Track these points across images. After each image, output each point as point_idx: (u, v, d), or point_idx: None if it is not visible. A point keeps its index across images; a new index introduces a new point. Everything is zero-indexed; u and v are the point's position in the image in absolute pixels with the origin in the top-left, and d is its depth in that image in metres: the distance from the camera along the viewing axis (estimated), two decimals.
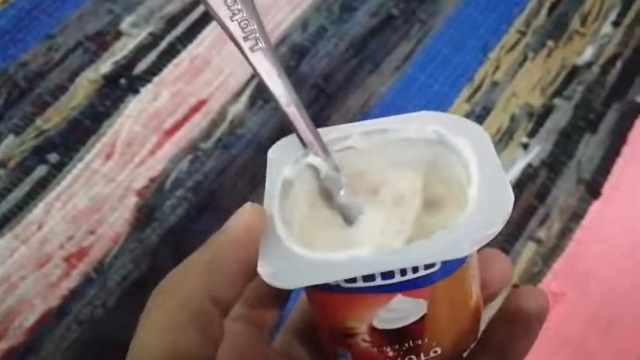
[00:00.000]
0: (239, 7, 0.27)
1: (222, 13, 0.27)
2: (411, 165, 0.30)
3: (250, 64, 0.27)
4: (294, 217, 0.28)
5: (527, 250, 0.52)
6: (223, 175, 0.53)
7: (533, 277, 0.50)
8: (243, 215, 0.26)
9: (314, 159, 0.28)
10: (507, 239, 0.52)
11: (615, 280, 0.51)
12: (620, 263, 0.51)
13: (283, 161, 0.28)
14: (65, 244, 0.50)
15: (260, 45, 0.27)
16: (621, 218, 0.53)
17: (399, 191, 0.30)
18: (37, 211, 0.51)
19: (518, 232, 0.52)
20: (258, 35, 0.27)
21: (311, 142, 0.28)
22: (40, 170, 0.53)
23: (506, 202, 0.25)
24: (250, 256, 0.25)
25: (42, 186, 0.52)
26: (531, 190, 0.54)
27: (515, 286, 0.51)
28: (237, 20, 0.27)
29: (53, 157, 0.53)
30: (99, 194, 0.52)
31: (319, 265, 0.25)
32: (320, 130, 0.29)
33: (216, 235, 0.25)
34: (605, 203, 0.53)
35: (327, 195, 0.29)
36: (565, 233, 0.52)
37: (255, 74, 0.27)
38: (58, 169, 0.53)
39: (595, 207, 0.53)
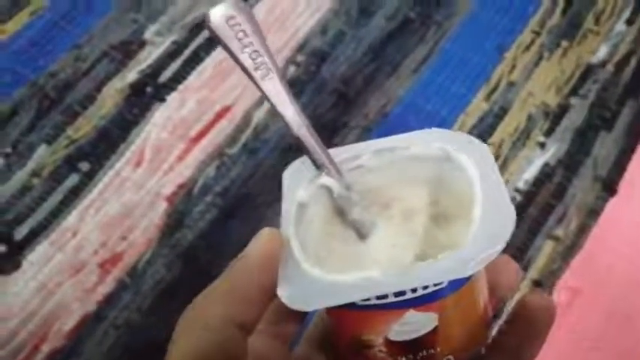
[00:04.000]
0: (249, 39, 0.28)
1: (234, 46, 0.28)
2: (419, 181, 0.31)
3: (262, 92, 0.29)
4: (310, 236, 0.30)
5: (546, 248, 0.53)
6: (250, 180, 0.55)
7: (552, 273, 0.52)
8: (261, 241, 0.27)
9: (327, 179, 0.30)
10: (526, 236, 0.53)
11: (632, 275, 0.52)
12: (636, 258, 0.53)
13: (297, 183, 0.30)
14: (99, 250, 0.52)
15: (270, 74, 0.28)
16: (637, 214, 0.54)
17: (409, 206, 0.31)
18: (71, 218, 0.53)
19: (537, 229, 0.54)
20: (268, 65, 0.28)
21: (323, 163, 0.29)
22: (73, 179, 0.55)
23: (507, 221, 0.26)
24: (269, 280, 0.27)
25: (75, 194, 0.54)
26: (549, 189, 0.55)
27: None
28: (247, 52, 0.28)
29: (84, 166, 0.55)
30: (130, 201, 0.54)
31: (335, 287, 0.26)
32: (331, 150, 0.30)
33: (236, 262, 0.27)
34: (622, 200, 0.55)
35: (340, 213, 0.31)
36: (582, 230, 0.54)
37: (267, 102, 0.29)
38: (89, 177, 0.55)
39: (611, 204, 0.55)
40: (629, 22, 0.62)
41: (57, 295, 0.51)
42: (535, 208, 0.55)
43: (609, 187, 0.55)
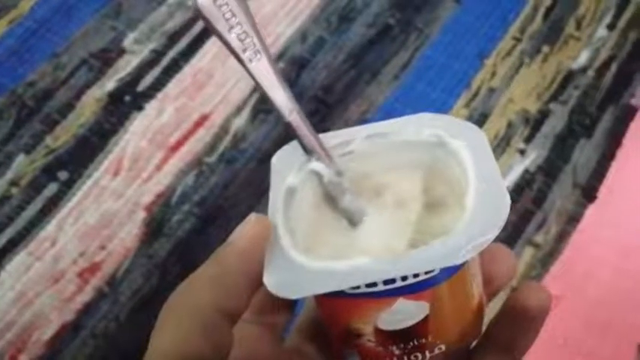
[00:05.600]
0: (237, 20, 0.27)
1: (221, 26, 0.27)
2: (412, 167, 0.30)
3: (250, 75, 0.27)
4: (299, 224, 0.29)
5: (525, 255, 0.53)
6: (228, 189, 0.55)
7: (532, 280, 0.52)
8: (248, 227, 0.26)
9: (317, 165, 0.29)
10: (506, 244, 0.53)
11: (612, 282, 0.52)
12: (616, 265, 0.53)
13: (287, 169, 0.29)
14: (78, 259, 0.52)
15: (259, 56, 0.27)
16: (616, 221, 0.54)
17: (402, 193, 0.31)
18: (50, 227, 0.53)
19: (516, 236, 0.54)
20: (257, 47, 0.27)
21: (313, 149, 0.28)
22: (51, 188, 0.55)
23: (501, 209, 0.26)
24: (255, 267, 0.26)
25: (53, 203, 0.54)
26: (528, 196, 0.55)
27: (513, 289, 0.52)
28: (235, 33, 0.27)
29: (63, 175, 0.55)
30: (108, 210, 0.54)
31: (322, 274, 0.25)
32: (322, 135, 0.29)
33: (222, 248, 0.26)
34: (601, 207, 0.55)
35: (331, 199, 0.30)
36: (562, 237, 0.54)
37: (255, 85, 0.28)
38: (68, 186, 0.55)
39: (591, 210, 0.55)
40: (610, 27, 0.62)
41: (35, 305, 0.51)
42: (515, 214, 0.55)
43: (589, 193, 0.55)
